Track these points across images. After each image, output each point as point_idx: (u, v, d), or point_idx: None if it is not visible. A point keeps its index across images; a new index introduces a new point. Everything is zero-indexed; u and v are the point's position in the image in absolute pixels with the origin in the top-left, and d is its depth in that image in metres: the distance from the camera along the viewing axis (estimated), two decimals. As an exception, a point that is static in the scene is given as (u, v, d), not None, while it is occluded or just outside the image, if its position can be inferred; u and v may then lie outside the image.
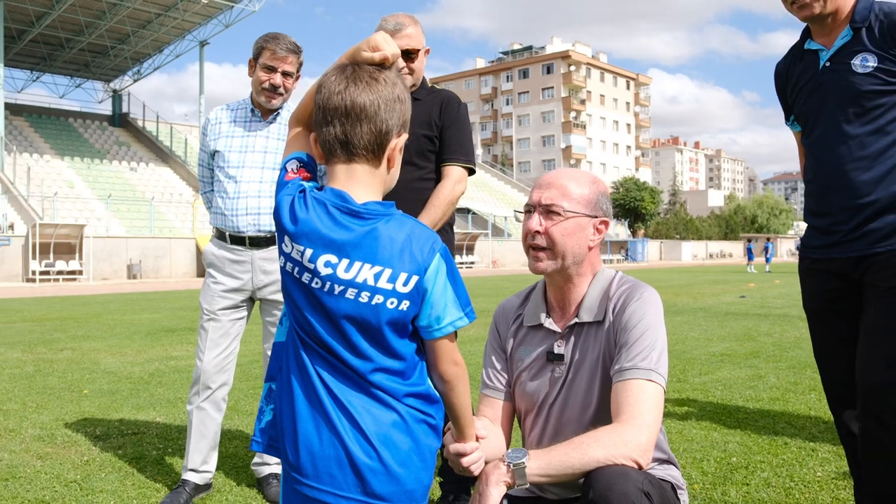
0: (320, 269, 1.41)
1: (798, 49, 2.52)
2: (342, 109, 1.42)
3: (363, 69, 1.46)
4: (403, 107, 1.47)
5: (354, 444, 1.41)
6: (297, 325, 1.47)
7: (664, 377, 1.79)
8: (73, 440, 4.26)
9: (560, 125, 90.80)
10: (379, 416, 1.43)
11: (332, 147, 1.45)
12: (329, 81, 1.46)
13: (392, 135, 1.45)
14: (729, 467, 3.54)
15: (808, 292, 2.59)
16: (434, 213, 2.97)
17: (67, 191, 35.88)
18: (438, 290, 1.45)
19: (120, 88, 50.28)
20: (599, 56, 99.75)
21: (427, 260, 1.43)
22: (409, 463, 1.44)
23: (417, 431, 1.46)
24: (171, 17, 39.90)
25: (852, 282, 2.41)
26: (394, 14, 3.03)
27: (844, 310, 2.45)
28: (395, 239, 1.42)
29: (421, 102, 3.09)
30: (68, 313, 13.71)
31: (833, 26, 2.37)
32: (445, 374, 1.53)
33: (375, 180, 1.48)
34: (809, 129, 2.49)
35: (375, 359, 1.43)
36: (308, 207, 1.44)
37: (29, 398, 5.52)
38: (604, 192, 1.98)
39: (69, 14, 38.71)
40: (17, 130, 41.91)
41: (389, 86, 1.45)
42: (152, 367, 6.99)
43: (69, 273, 29.57)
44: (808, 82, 2.46)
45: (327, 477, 1.42)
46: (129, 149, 45.55)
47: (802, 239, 2.64)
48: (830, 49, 2.38)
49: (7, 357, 7.76)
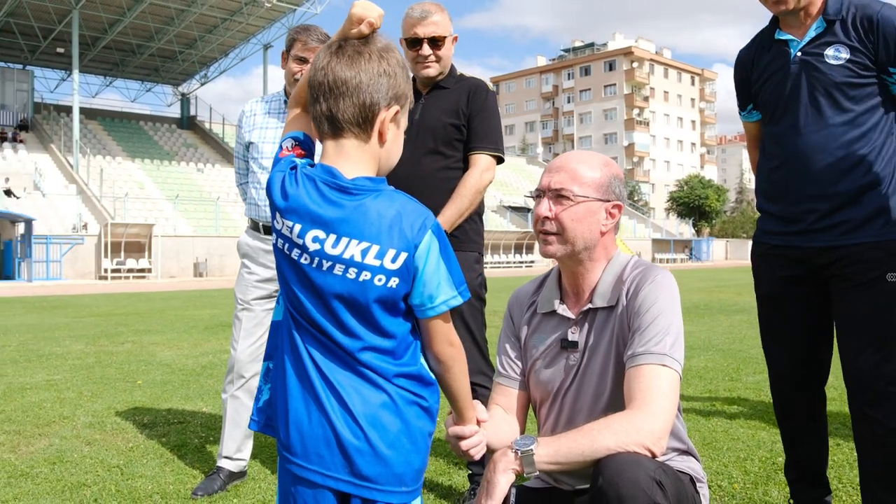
0: (308, 245, 1.40)
1: (766, 38, 2.52)
2: (325, 85, 1.41)
3: (349, 45, 1.44)
4: (392, 80, 1.43)
5: (342, 424, 1.39)
6: (288, 302, 1.46)
7: (679, 362, 1.71)
8: (122, 427, 4.39)
9: (622, 122, 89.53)
10: (367, 396, 1.40)
11: (321, 123, 1.44)
12: (315, 59, 1.45)
13: (379, 107, 1.42)
14: (774, 467, 3.41)
15: (763, 278, 2.62)
16: (461, 202, 2.94)
17: (138, 191, 37.08)
18: (431, 268, 1.42)
19: (188, 92, 51.76)
20: (663, 52, 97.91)
21: (418, 237, 1.40)
22: (398, 445, 1.41)
23: (408, 413, 1.43)
24: (236, 21, 40.87)
25: (813, 270, 2.44)
26: (420, 2, 3.01)
27: (799, 296, 2.50)
28: (383, 215, 1.40)
29: (449, 91, 3.07)
30: (133, 309, 14.17)
31: (804, 18, 2.39)
32: (440, 354, 1.49)
33: (366, 155, 1.45)
34: (777, 118, 2.49)
35: (364, 337, 1.41)
36: (298, 183, 1.43)
37: (86, 387, 5.72)
38: (617, 175, 1.91)
39: (140, 21, 40.04)
40: (92, 134, 43.54)
41: (374, 60, 1.42)
42: (205, 360, 7.16)
43: (139, 271, 30.61)
44: (777, 71, 2.46)
45: (315, 456, 1.40)
46: (197, 150, 46.84)
47: (759, 224, 2.65)
48: (802, 39, 2.40)
49: (71, 349, 8.05)
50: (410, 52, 3.00)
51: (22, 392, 5.52)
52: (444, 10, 3.00)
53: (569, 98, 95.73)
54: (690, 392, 5.23)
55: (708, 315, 11.27)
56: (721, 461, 3.50)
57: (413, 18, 2.98)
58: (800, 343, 2.54)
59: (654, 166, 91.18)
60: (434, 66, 3.00)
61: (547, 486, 1.96)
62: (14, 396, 5.36)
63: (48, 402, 5.15)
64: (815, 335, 2.53)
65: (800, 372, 2.57)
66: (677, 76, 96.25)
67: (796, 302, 2.52)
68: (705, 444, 3.81)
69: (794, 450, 2.66)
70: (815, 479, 2.65)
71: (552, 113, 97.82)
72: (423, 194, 2.98)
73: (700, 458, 1.96)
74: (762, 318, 2.65)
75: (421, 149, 2.99)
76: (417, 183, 2.97)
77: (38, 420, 4.59)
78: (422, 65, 3.00)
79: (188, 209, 36.52)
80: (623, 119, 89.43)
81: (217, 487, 3.19)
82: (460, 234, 3.03)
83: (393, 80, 1.44)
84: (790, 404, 2.63)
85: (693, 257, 56.64)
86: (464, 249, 3.04)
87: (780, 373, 2.63)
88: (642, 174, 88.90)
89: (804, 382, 2.59)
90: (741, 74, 2.63)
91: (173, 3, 38.19)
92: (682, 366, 1.73)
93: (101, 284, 26.43)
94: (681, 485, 1.66)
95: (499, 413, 1.96)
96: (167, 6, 38.42)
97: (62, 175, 37.19)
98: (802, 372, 2.57)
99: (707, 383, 5.59)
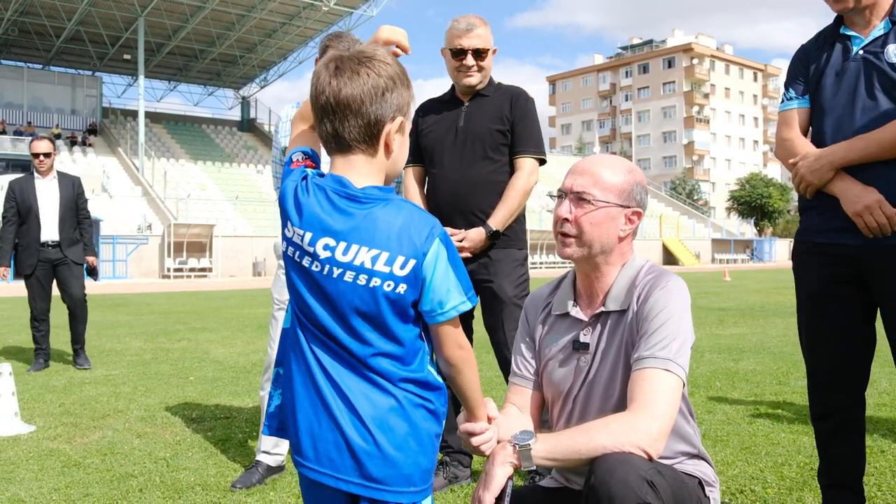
0: (319, 253, 1.45)
1: (830, 34, 2.52)
2: (329, 107, 1.46)
3: (346, 63, 1.47)
4: (395, 93, 1.47)
5: (351, 428, 1.44)
6: (298, 309, 1.51)
7: (684, 368, 1.73)
8: (171, 422, 4.56)
9: (682, 120, 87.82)
10: (376, 401, 1.45)
11: (328, 142, 1.50)
12: (316, 79, 1.49)
13: (384, 122, 1.47)
14: (811, 473, 3.34)
15: (807, 277, 2.54)
16: (511, 203, 3.19)
17: (199, 193, 38.12)
18: (440, 275, 1.46)
19: (248, 95, 52.98)
20: (724, 47, 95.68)
21: (426, 245, 1.44)
22: (406, 447, 1.46)
23: (415, 416, 1.48)
24: (295, 25, 41.64)
25: (859, 269, 2.37)
26: (465, 15, 3.22)
27: (843, 296, 2.44)
28: (392, 223, 1.44)
29: (490, 99, 3.29)
30: (192, 307, 14.60)
31: (870, 18, 2.41)
32: (451, 358, 1.54)
33: (374, 168, 1.50)
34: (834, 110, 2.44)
35: (374, 343, 1.46)
36: (309, 192, 1.48)
37: (140, 382, 5.95)
38: (639, 182, 1.92)
39: (202, 27, 41.18)
40: (156, 137, 44.97)
41: (374, 76, 1.45)
42: (256, 357, 7.35)
43: (200, 270, 31.45)
44: (838, 65, 2.45)
45: (327, 460, 1.46)
46: (256, 152, 47.90)
47: (803, 221, 2.58)
48: (866, 38, 2.41)
49: (130, 345, 8.37)
50: (454, 61, 3.21)
51: (81, 386, 5.78)
52: (487, 25, 3.21)
53: (626, 96, 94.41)
54: (735, 395, 5.15)
55: (763, 317, 11.03)
56: (758, 465, 3.46)
57: (458, 30, 3.17)
58: (840, 343, 2.48)
59: (714, 165, 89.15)
60: (476, 75, 3.22)
61: (560, 486, 1.99)
62: (74, 390, 5.61)
63: (105, 395, 5.39)
64: (858, 336, 2.47)
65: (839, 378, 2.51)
66: (739, 72, 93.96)
67: (840, 301, 2.46)
68: (744, 448, 3.76)
69: (828, 454, 2.59)
70: (849, 485, 2.57)
71: (610, 111, 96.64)
72: (474, 198, 3.21)
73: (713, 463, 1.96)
74: (803, 318, 2.61)
75: (471, 155, 3.23)
76: (469, 187, 3.24)
77: (94, 413, 4.80)
78: (465, 74, 3.21)
79: (247, 210, 37.37)
80: (682, 117, 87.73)
81: (255, 481, 3.31)
82: (510, 233, 3.26)
83: (394, 92, 1.47)
84: (825, 406, 2.56)
85: (755, 258, 55.23)
86: (512, 247, 3.28)
87: (821, 381, 2.56)
88: (702, 173, 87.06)
89: (843, 384, 2.53)
90: (802, 61, 2.60)
91: (234, 9, 39.12)
92: (686, 372, 1.74)
93: (163, 283, 27.28)
94: (682, 486, 1.67)
95: (513, 412, 1.99)
96: (228, 12, 39.38)
97: (128, 177, 38.51)
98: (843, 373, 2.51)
99: (754, 387, 5.49)
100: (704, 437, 3.88)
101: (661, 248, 46.90)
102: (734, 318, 10.83)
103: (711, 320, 10.53)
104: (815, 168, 2.37)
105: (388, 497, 1.46)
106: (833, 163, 2.34)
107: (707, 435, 4.02)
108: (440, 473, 3.29)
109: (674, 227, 51.89)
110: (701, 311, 11.92)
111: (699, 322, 9.98)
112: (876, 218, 2.27)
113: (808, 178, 2.39)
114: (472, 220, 3.20)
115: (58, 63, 46.46)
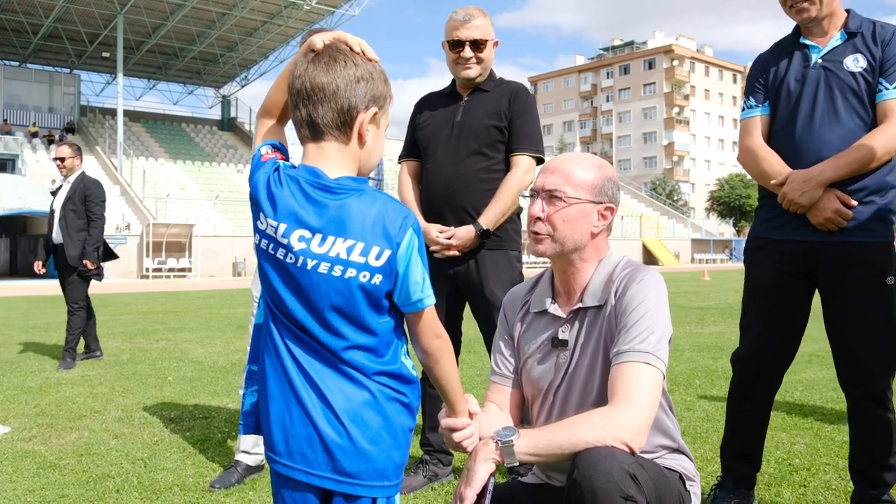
0: (294, 245, 1.43)
1: (789, 43, 2.67)
2: (304, 92, 1.45)
3: (325, 52, 1.48)
4: (369, 83, 1.47)
5: (324, 423, 1.43)
6: (271, 302, 1.50)
7: (663, 361, 1.73)
8: (149, 422, 4.51)
9: (662, 121, 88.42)
10: (350, 394, 1.44)
11: (301, 128, 1.49)
12: (293, 66, 1.50)
13: (358, 110, 1.46)
14: (789, 468, 3.37)
15: (758, 270, 2.71)
16: (503, 201, 3.07)
17: (179, 192, 37.80)
18: (415, 265, 1.46)
19: (228, 94, 52.59)
20: (704, 49, 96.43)
21: (399, 235, 1.44)
22: (380, 441, 1.45)
23: (389, 410, 1.47)
24: (276, 24, 41.41)
25: (810, 263, 2.56)
26: (464, 7, 3.14)
27: (793, 287, 2.62)
28: (366, 213, 1.44)
29: (489, 94, 3.19)
30: (171, 307, 14.47)
31: (828, 28, 2.57)
32: (428, 347, 1.54)
33: (346, 157, 1.49)
34: (792, 116, 2.57)
35: (348, 336, 1.45)
36: (282, 184, 1.47)
37: (118, 383, 5.88)
38: (610, 178, 1.93)
39: (182, 25, 40.80)
40: (135, 136, 44.51)
41: (350, 65, 1.46)
42: (235, 357, 7.29)
43: (179, 270, 31.21)
44: (797, 72, 2.59)
45: (299, 455, 1.45)
46: (237, 151, 47.55)
47: (758, 216, 2.74)
48: (824, 48, 2.56)
49: (108, 345, 8.26)
50: (452, 53, 3.13)
51: (57, 387, 5.70)
52: (486, 15, 3.12)
53: (608, 97, 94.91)
54: (714, 393, 5.18)
55: (742, 316, 11.11)
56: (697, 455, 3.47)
57: (456, 21, 3.09)
58: (788, 332, 2.68)
59: (694, 165, 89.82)
60: (475, 67, 3.12)
61: (541, 483, 1.99)
62: (50, 391, 5.54)
63: (81, 396, 5.32)
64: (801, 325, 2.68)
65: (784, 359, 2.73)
66: (718, 74, 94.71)
67: (791, 292, 2.63)
68: (722, 445, 3.77)
69: (741, 429, 2.81)
70: (751, 457, 2.82)
71: (591, 112, 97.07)
72: (465, 194, 3.13)
73: (693, 458, 1.96)
74: (751, 306, 2.75)
75: (464, 150, 3.12)
76: (460, 183, 3.12)
77: (70, 414, 4.74)
78: (463, 66, 3.12)
79: (228, 209, 37.10)
80: (663, 118, 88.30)
81: (234, 481, 3.28)
82: (502, 233, 3.15)
83: (369, 83, 1.47)
84: (753, 388, 2.78)
85: (734, 257, 55.69)
86: (506, 248, 3.17)
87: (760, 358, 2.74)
88: (682, 173, 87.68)
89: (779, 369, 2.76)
90: (760, 72, 2.72)
91: (215, 7, 38.82)
92: (665, 364, 1.74)
93: (142, 283, 27.02)
94: (664, 480, 1.67)
95: (493, 410, 1.99)
96: (209, 10, 39.07)
97: (106, 176, 38.06)
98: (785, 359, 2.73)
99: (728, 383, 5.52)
100: (684, 434, 3.89)
101: (642, 248, 47.18)
102: (713, 317, 10.91)
103: (691, 319, 10.60)
104: (806, 191, 2.47)
105: (361, 491, 1.45)
106: (822, 183, 2.45)
107: (687, 431, 4.04)
108: (420, 472, 3.27)
109: (654, 227, 52.22)
110: (680, 310, 12.00)
111: (679, 321, 10.04)
112: (834, 220, 2.46)
113: (799, 201, 2.49)
114: (463, 216, 3.10)
115: (35, 60, 45.81)
